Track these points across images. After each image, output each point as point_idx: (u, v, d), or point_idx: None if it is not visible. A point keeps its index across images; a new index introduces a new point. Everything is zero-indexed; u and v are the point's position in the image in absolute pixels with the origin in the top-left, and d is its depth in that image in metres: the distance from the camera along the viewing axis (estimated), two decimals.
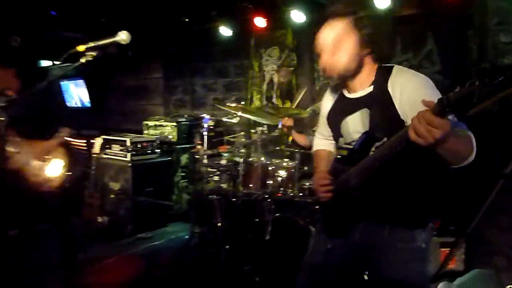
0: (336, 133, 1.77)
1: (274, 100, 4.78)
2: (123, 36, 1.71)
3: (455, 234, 2.83)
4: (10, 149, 2.94)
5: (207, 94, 5.59)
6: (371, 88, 1.58)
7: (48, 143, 3.06)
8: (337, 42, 1.55)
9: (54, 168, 3.08)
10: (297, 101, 3.29)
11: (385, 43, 1.62)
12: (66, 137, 3.18)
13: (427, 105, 1.15)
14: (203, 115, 3.54)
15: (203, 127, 3.45)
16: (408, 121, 1.36)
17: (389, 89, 1.51)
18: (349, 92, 1.68)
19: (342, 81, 1.65)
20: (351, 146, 1.66)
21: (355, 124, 1.62)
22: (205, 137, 3.44)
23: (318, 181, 1.76)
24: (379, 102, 1.52)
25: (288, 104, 4.61)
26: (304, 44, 4.51)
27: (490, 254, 2.77)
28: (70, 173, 3.30)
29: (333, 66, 1.57)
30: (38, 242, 3.53)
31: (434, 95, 1.28)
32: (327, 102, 1.84)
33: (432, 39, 3.56)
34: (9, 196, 2.88)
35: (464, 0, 3.29)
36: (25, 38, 4.78)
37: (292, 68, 4.62)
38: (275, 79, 4.78)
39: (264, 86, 4.87)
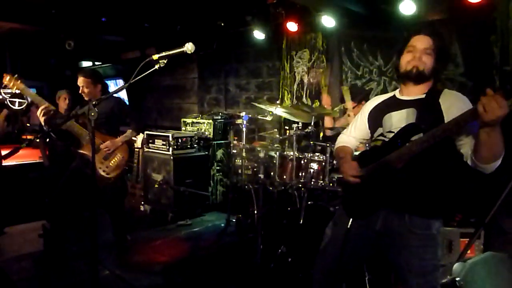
0: (376, 125, 2.04)
1: (304, 99, 5.09)
2: (189, 47, 2.04)
3: (475, 226, 3.04)
4: (83, 140, 3.43)
5: (240, 93, 5.95)
6: (423, 96, 1.91)
7: (116, 140, 3.51)
8: (425, 50, 1.88)
9: (116, 161, 3.52)
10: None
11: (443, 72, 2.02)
12: (131, 137, 3.66)
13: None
14: (243, 113, 3.86)
15: (242, 123, 3.77)
16: None
17: (440, 101, 1.85)
18: (401, 95, 2.01)
19: (410, 81, 1.94)
20: (385, 138, 1.94)
21: (400, 119, 1.92)
22: (244, 133, 3.77)
23: (348, 168, 2.03)
24: (429, 107, 1.85)
25: (317, 104, 4.91)
26: (333, 47, 4.79)
27: (506, 243, 2.97)
28: (127, 167, 3.76)
29: (419, 64, 1.88)
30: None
31: (471, 106, 1.72)
32: (374, 101, 2.13)
33: (456, 43, 3.76)
34: (88, 181, 3.37)
35: (487, 5, 3.48)
36: (78, 42, 5.25)
37: (321, 70, 4.91)
38: (305, 80, 5.08)
39: (295, 87, 5.18)
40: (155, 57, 2.06)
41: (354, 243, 1.99)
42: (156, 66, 2.07)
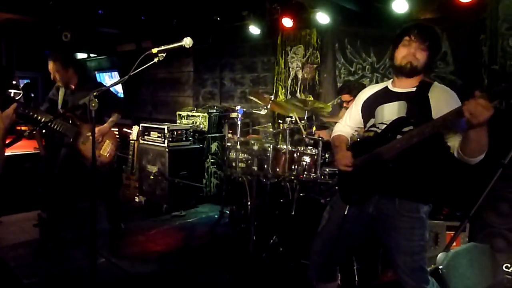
0: (369, 115, 2.14)
1: (297, 94, 5.17)
2: (187, 41, 2.10)
3: (460, 219, 3.16)
4: (69, 133, 3.47)
5: (234, 87, 6.02)
6: (413, 89, 2.00)
7: (103, 126, 3.55)
8: (420, 47, 1.96)
9: (106, 148, 3.57)
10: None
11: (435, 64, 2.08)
12: (116, 120, 3.67)
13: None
14: (237, 106, 3.93)
15: (237, 117, 3.84)
16: None
17: (429, 94, 1.95)
18: (393, 86, 2.09)
19: (404, 75, 2.02)
20: (377, 129, 2.05)
21: (391, 111, 2.01)
22: (238, 127, 3.84)
23: (342, 157, 2.14)
24: (419, 100, 1.94)
25: (310, 98, 5.00)
26: (327, 44, 4.88)
27: (490, 236, 3.08)
28: (118, 153, 3.79)
29: (412, 60, 1.97)
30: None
31: (458, 103, 1.85)
32: (367, 92, 2.22)
33: (447, 41, 3.86)
34: (81, 172, 3.42)
35: (478, 6, 3.58)
36: (74, 34, 5.28)
37: (315, 65, 5.00)
38: (299, 75, 5.16)
39: (289, 82, 5.27)
40: (154, 50, 2.11)
41: (350, 225, 2.11)
42: (155, 60, 2.12)
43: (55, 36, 5.31)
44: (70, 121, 3.47)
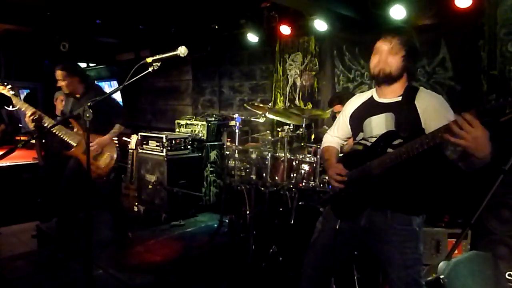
0: (357, 129, 2.09)
1: (296, 102, 5.16)
2: (182, 50, 2.10)
3: (462, 226, 3.12)
4: (72, 141, 3.47)
5: (233, 95, 6.01)
6: (399, 98, 1.94)
7: (103, 138, 3.53)
8: (390, 51, 1.91)
9: (105, 160, 3.54)
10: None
11: (416, 68, 2.03)
12: (119, 132, 3.66)
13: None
14: (235, 115, 3.91)
15: (236, 125, 3.82)
16: (428, 129, 1.77)
17: (416, 102, 1.87)
18: (379, 97, 2.03)
19: (382, 83, 1.98)
20: (366, 142, 2.01)
21: (379, 124, 1.96)
22: (237, 135, 3.82)
23: (335, 171, 2.06)
24: (406, 110, 1.88)
25: (309, 106, 4.98)
26: (325, 51, 4.87)
27: (492, 244, 3.04)
28: (116, 165, 3.77)
29: (384, 67, 1.92)
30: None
31: (449, 110, 1.82)
32: (354, 103, 2.17)
33: (445, 47, 3.85)
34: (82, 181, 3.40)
35: (476, 11, 3.57)
36: (73, 44, 5.29)
37: (314, 73, 4.99)
38: (298, 83, 5.15)
39: (288, 89, 5.25)
40: (149, 60, 2.11)
41: (343, 238, 2.06)
42: (150, 69, 2.12)
43: (54, 46, 5.32)
44: (74, 130, 3.49)
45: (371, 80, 4.40)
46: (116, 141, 3.92)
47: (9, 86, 3.39)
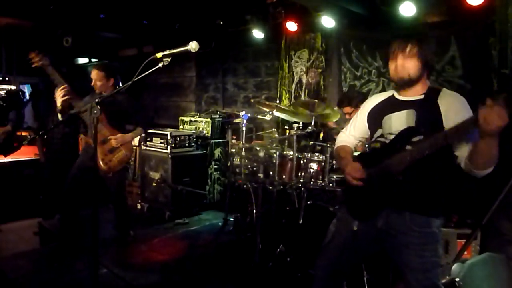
0: (376, 125, 2.05)
1: (302, 99, 5.09)
2: (193, 45, 2.04)
3: (471, 227, 3.08)
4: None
5: (238, 92, 5.95)
6: (421, 97, 1.92)
7: (126, 135, 3.51)
8: (406, 55, 1.90)
9: (119, 156, 3.50)
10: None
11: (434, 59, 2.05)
12: (140, 135, 3.65)
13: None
14: (242, 112, 3.85)
15: (243, 123, 3.76)
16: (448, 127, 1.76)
17: (439, 101, 1.86)
18: (400, 95, 2.01)
19: (402, 87, 1.97)
20: (385, 140, 1.96)
21: (399, 120, 1.93)
22: (244, 132, 3.76)
23: (352, 170, 2.02)
24: (428, 108, 1.86)
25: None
26: (332, 47, 4.81)
27: (503, 245, 2.99)
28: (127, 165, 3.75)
29: (403, 73, 1.91)
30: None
31: (469, 110, 1.82)
32: (373, 101, 2.14)
33: (455, 45, 3.78)
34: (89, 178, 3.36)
35: (487, 9, 3.50)
36: (76, 39, 5.21)
37: (320, 70, 4.92)
38: (304, 80, 5.09)
39: (293, 86, 5.19)
40: (159, 55, 2.05)
41: (358, 240, 2.01)
42: (160, 65, 2.07)
43: (56, 41, 5.24)
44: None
45: (379, 77, 4.37)
46: None
47: (44, 55, 3.36)
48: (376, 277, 2.84)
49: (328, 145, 3.16)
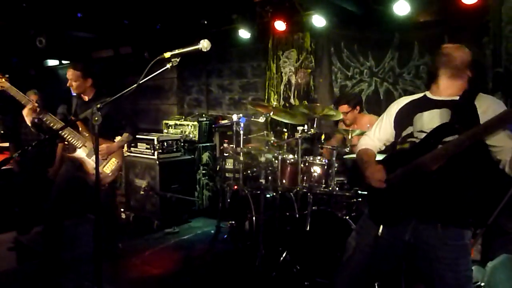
0: (405, 124, 1.94)
1: (291, 100, 4.98)
2: (204, 44, 1.88)
3: (474, 226, 3.06)
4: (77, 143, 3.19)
5: (223, 94, 5.76)
6: (457, 97, 1.84)
7: (112, 145, 3.27)
8: (461, 65, 1.86)
9: (110, 166, 3.27)
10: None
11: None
12: (127, 141, 3.42)
13: None
14: (239, 115, 3.69)
15: (239, 126, 3.60)
16: None
17: (476, 103, 1.79)
18: (433, 95, 1.93)
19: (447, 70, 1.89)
20: (415, 139, 1.86)
21: (432, 118, 1.84)
22: (241, 136, 3.59)
23: (373, 172, 1.92)
24: (464, 108, 1.78)
25: (305, 104, 4.81)
26: (322, 47, 4.71)
27: (507, 244, 3.00)
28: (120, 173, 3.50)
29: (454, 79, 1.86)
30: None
31: None
32: (401, 102, 2.05)
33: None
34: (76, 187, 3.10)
35: (480, 8, 3.51)
36: (50, 40, 4.86)
37: (309, 70, 4.82)
38: (293, 81, 4.98)
39: (282, 87, 5.07)
40: (167, 55, 1.89)
41: (382, 253, 1.91)
42: (168, 65, 1.91)
43: (27, 42, 4.87)
44: (79, 130, 3.28)
45: (371, 77, 4.32)
46: None
47: (7, 75, 3.03)
48: (387, 283, 2.75)
49: (334, 147, 3.03)
